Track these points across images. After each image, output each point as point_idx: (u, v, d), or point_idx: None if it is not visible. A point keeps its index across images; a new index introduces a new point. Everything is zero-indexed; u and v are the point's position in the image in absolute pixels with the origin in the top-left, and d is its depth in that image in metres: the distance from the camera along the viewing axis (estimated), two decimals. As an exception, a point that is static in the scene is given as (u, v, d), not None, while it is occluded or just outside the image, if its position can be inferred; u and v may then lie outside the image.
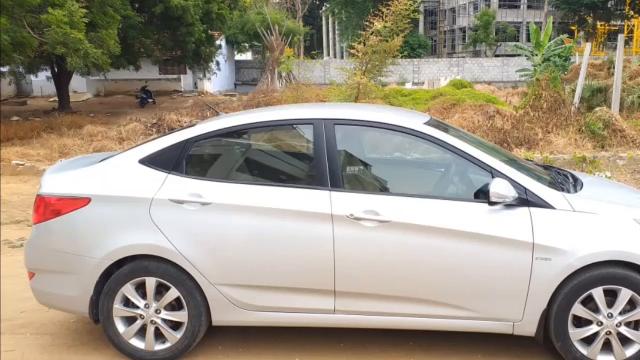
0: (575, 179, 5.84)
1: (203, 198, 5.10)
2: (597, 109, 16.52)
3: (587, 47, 20.64)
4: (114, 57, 23.43)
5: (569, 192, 5.23)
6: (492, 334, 5.16)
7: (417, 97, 26.39)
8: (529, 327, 5.00)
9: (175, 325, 5.31)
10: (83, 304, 5.29)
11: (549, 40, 32.68)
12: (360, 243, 4.96)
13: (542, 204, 4.88)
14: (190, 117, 21.11)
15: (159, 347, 5.32)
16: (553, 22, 36.07)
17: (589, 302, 4.88)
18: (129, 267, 5.18)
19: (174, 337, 5.28)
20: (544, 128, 15.27)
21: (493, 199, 4.78)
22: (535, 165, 6.32)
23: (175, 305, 5.27)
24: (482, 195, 4.93)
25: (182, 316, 5.24)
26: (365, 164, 6.01)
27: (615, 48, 22.93)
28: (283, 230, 5.02)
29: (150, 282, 5.19)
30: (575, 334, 4.92)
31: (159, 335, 5.33)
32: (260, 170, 5.87)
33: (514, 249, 4.81)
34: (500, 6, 79.71)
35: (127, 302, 5.27)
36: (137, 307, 5.26)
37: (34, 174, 14.60)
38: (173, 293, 5.19)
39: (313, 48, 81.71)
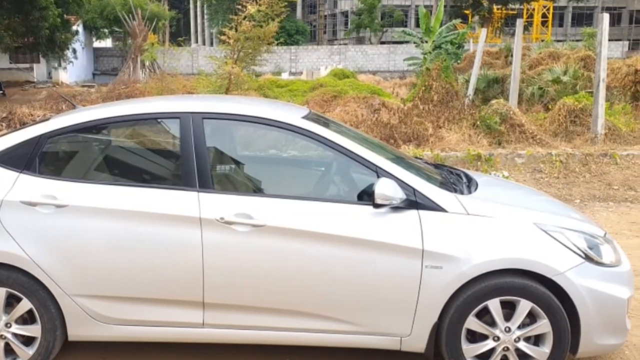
0: (470, 179, 6.00)
1: (58, 200, 5.08)
2: (494, 101, 17.05)
3: (483, 33, 21.34)
4: (-41, 45, 22.98)
5: (462, 193, 5.39)
6: (378, 350, 5.25)
7: (295, 88, 26.62)
8: (418, 342, 5.11)
9: (27, 341, 5.28)
10: None
11: (440, 25, 33.49)
12: (231, 250, 5.01)
13: (433, 207, 5.00)
14: (44, 111, 20.64)
15: None
16: (445, 6, 37.21)
17: (485, 315, 5.01)
18: None
19: (26, 353, 5.25)
20: (435, 123, 15.60)
21: (378, 200, 4.88)
22: (425, 163, 6.50)
23: (27, 319, 5.24)
24: (366, 196, 5.02)
25: (35, 330, 5.22)
26: (238, 163, 6.06)
27: (513, 34, 23.75)
28: (146, 235, 5.04)
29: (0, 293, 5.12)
30: (469, 350, 5.05)
31: (9, 352, 5.28)
32: (122, 169, 5.86)
33: (401, 256, 4.91)
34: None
35: (-25, 316, 5.22)
36: None
37: None
38: (25, 305, 5.17)
39: (180, 34, 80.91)
